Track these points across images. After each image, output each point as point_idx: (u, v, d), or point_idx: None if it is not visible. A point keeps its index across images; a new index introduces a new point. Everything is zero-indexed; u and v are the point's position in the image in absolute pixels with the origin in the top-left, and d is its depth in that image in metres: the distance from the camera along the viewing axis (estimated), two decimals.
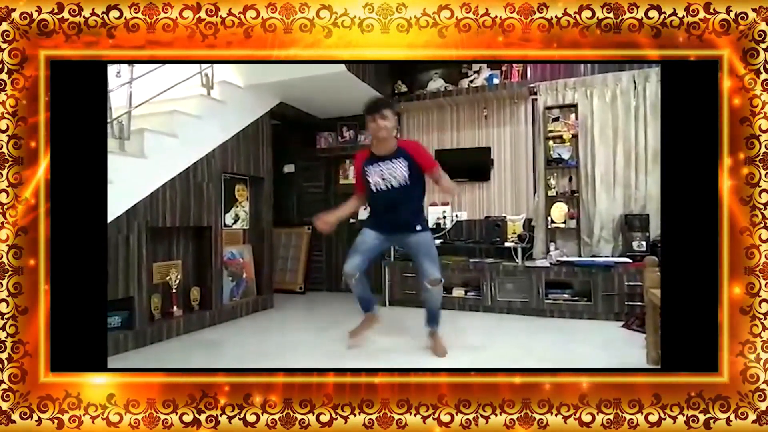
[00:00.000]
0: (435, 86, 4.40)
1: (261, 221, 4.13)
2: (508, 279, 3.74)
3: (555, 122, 3.99)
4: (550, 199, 3.95)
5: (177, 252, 3.41)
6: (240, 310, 3.77)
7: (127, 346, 2.76)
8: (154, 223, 2.96)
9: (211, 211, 3.49)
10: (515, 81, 4.06)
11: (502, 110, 4.30)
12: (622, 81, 3.82)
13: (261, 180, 4.10)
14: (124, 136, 2.82)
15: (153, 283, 3.11)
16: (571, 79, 3.99)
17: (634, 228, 3.67)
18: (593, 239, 3.87)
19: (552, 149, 3.98)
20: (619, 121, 3.83)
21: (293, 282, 4.92)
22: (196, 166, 3.33)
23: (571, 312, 3.52)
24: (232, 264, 3.83)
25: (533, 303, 3.61)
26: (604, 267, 3.43)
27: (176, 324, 3.14)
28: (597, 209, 3.86)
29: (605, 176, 3.85)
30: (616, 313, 3.36)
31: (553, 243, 3.88)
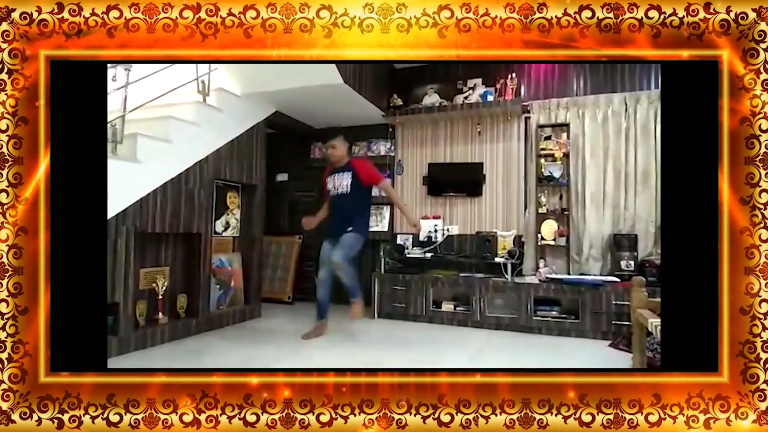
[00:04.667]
0: (430, 101, 4.41)
1: (252, 229, 4.08)
2: (498, 294, 3.73)
3: (547, 140, 4.02)
4: (541, 216, 3.96)
5: (165, 258, 3.34)
6: (227, 319, 3.71)
7: (111, 352, 2.70)
8: (143, 228, 2.92)
9: (202, 217, 3.44)
10: (509, 99, 4.10)
11: (495, 127, 4.33)
12: (614, 102, 3.86)
13: (253, 188, 4.06)
14: (117, 140, 2.79)
15: (139, 289, 3.06)
16: (564, 98, 4.03)
17: (623, 247, 3.69)
18: (582, 257, 3.89)
19: (543, 167, 4.01)
20: (609, 141, 3.86)
21: (282, 291, 4.85)
22: (188, 172, 3.29)
23: (559, 329, 3.51)
24: (220, 272, 3.78)
25: (522, 319, 3.60)
26: (593, 285, 3.44)
27: (161, 331, 3.08)
28: (586, 228, 3.88)
29: (595, 195, 3.88)
30: (603, 331, 3.36)
31: (543, 260, 3.88)
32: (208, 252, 3.55)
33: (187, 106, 3.34)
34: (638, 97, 3.80)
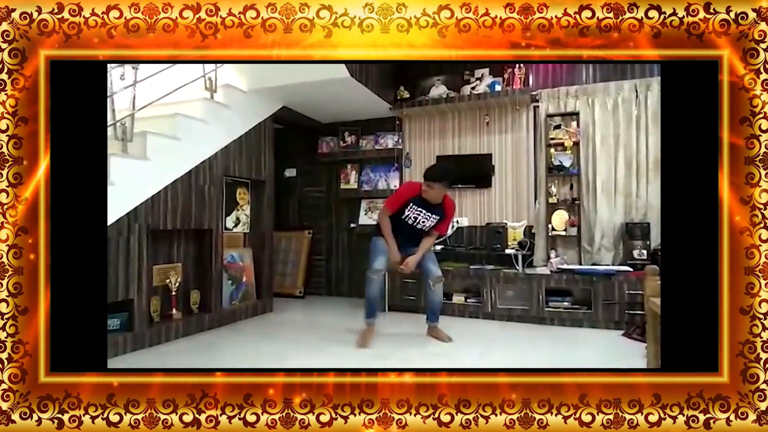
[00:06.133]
0: (437, 92, 4.40)
1: (262, 225, 4.12)
2: (509, 286, 3.73)
3: (556, 130, 3.98)
4: (551, 206, 3.93)
5: (177, 255, 3.39)
6: (239, 314, 3.76)
7: (126, 348, 2.75)
8: (155, 226, 2.95)
9: (212, 214, 3.47)
10: (517, 88, 4.06)
11: (503, 117, 4.29)
12: (624, 89, 3.81)
13: (262, 184, 4.09)
14: (126, 138, 2.82)
15: (153, 286, 3.10)
16: (573, 87, 3.98)
17: (635, 236, 3.64)
18: (594, 247, 3.85)
19: (553, 157, 3.97)
20: (620, 129, 3.81)
21: (293, 286, 4.89)
22: (197, 169, 3.32)
23: (571, 320, 3.50)
24: (232, 267, 3.82)
25: (533, 310, 3.59)
26: (605, 275, 3.41)
27: (175, 327, 3.13)
28: (598, 217, 3.84)
29: (606, 184, 3.84)
30: (616, 321, 3.34)
31: (554, 250, 3.86)
32: (220, 248, 3.58)
33: (195, 103, 3.36)
34: (649, 84, 3.74)
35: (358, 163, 4.86)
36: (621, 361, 2.61)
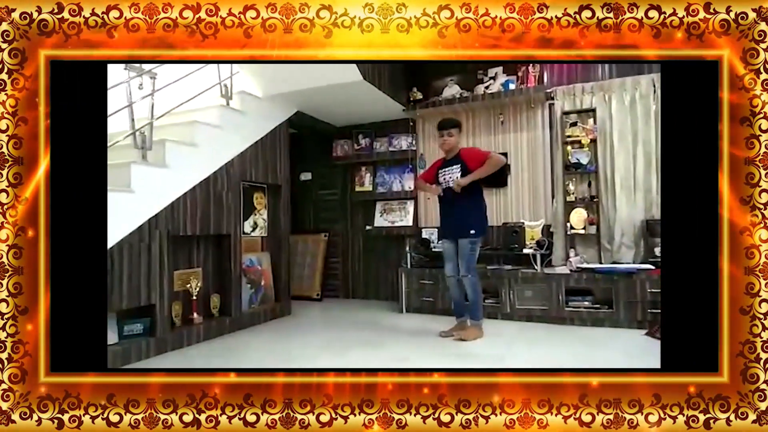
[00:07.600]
0: (450, 93, 4.37)
1: (279, 229, 4.14)
2: (527, 286, 3.66)
3: (573, 127, 3.94)
4: (569, 204, 3.86)
5: (197, 260, 3.42)
6: (259, 317, 3.78)
7: (150, 353, 2.79)
8: (175, 232, 2.99)
9: (230, 219, 3.51)
10: (531, 86, 4.02)
11: (518, 116, 4.25)
12: (641, 85, 3.74)
13: (279, 188, 4.12)
14: (146, 147, 2.86)
15: (174, 291, 3.13)
16: (589, 83, 3.92)
17: (656, 233, 3.52)
18: (614, 245, 3.77)
19: (570, 154, 3.91)
20: (638, 125, 3.75)
21: (310, 289, 4.90)
22: (215, 175, 3.36)
23: (592, 320, 3.43)
24: (250, 271, 3.83)
25: (553, 311, 3.54)
26: (626, 274, 3.32)
27: (196, 331, 3.17)
28: (617, 215, 3.75)
29: (625, 181, 3.75)
30: (638, 320, 3.28)
31: (573, 249, 3.80)
32: (239, 252, 3.61)
33: (212, 111, 3.40)
34: None
35: (373, 165, 4.82)
36: (644, 361, 2.50)
